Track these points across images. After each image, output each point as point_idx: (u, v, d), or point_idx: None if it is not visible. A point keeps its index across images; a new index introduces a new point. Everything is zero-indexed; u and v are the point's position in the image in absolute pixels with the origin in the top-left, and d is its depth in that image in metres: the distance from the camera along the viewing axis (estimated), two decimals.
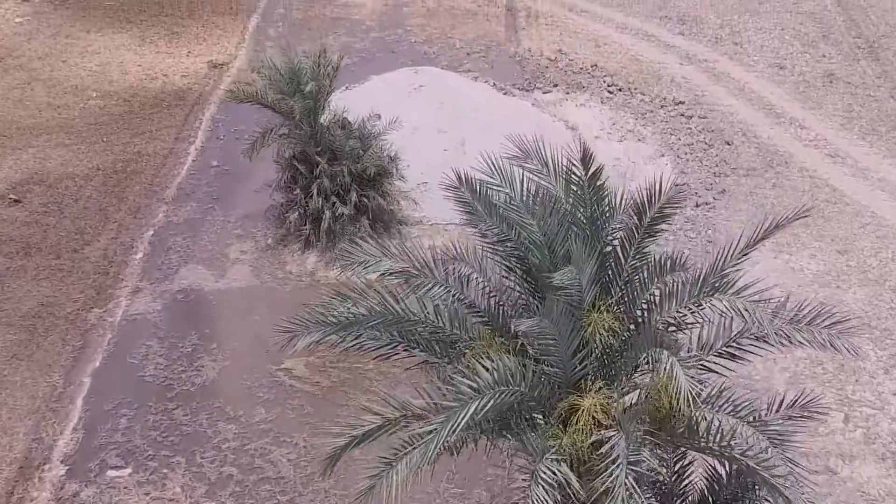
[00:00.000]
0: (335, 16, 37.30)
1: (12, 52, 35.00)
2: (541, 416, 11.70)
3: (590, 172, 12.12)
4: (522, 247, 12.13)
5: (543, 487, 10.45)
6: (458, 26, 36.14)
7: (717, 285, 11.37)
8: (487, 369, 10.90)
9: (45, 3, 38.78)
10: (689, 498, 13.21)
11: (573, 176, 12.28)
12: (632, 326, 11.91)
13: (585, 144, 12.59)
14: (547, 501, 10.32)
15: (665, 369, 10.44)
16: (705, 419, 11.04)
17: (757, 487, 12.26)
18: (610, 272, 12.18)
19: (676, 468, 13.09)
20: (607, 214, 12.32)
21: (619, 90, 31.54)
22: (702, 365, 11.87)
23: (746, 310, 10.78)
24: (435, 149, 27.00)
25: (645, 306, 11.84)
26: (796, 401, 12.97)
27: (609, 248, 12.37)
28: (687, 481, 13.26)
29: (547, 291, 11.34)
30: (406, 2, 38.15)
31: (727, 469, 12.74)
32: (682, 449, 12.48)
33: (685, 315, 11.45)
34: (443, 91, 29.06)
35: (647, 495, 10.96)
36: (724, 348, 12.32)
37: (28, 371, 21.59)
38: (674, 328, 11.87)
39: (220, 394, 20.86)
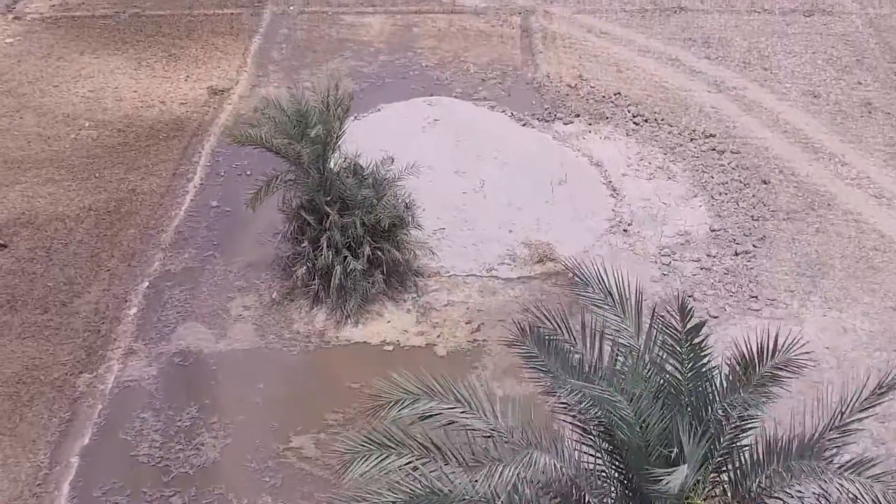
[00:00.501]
0: (341, 36, 35.01)
1: (2, 75, 32.72)
2: None
3: (688, 325, 9.73)
4: (608, 419, 9.48)
5: None
6: (471, 49, 33.87)
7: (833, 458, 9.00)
8: None
9: (36, 21, 36.48)
10: None
11: (667, 330, 9.87)
12: None
13: (683, 298, 10.07)
14: None
15: None
16: None
17: None
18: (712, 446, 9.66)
19: None
20: (709, 377, 9.79)
21: (646, 121, 29.29)
22: None
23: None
24: (452, 191, 24.76)
25: (757, 488, 9.40)
26: None
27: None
28: None
29: (643, 481, 8.93)
30: (415, 21, 35.86)
31: None
32: None
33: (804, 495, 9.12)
34: (459, 125, 26.79)
35: None
36: None
37: (10, 448, 19.38)
38: None
39: (222, 477, 18.64)
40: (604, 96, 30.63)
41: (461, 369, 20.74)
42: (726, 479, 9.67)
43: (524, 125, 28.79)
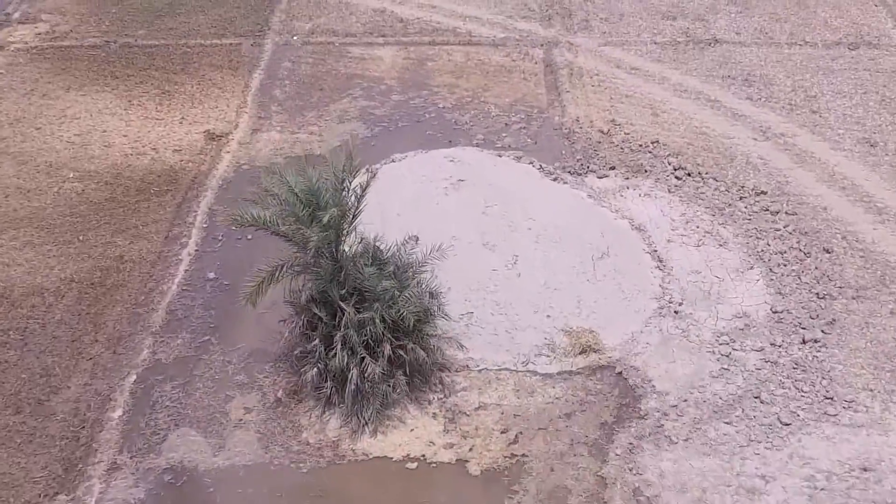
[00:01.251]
0: (350, 71, 31.65)
1: None
2: None
3: None
4: None
5: None
6: (491, 87, 30.53)
7: None
8: None
9: (21, 52, 33.08)
10: None
11: None
12: None
13: None
14: None
15: None
16: None
17: None
18: None
19: None
20: None
21: (689, 175, 26.01)
22: None
23: None
24: (481, 267, 21.48)
25: None
26: None
27: None
28: None
29: None
30: (429, 55, 32.51)
31: None
32: None
33: None
34: (485, 186, 23.50)
35: None
36: None
37: None
38: None
39: None
40: (640, 145, 27.33)
41: (498, 494, 17.54)
42: None
43: (555, 179, 25.50)
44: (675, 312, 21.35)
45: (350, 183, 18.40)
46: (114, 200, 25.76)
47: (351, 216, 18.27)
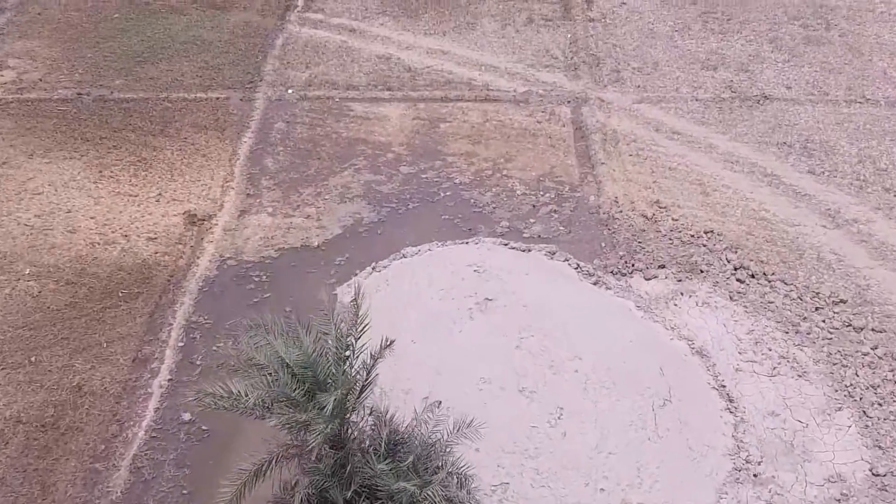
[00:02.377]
0: (352, 135, 27.08)
1: None
2: None
3: None
4: None
5: None
6: (514, 156, 26.00)
7: None
8: None
9: None
10: None
11: None
12: None
13: None
14: None
15: None
16: None
17: None
18: None
19: None
20: None
21: (752, 276, 21.54)
22: None
23: None
24: (517, 421, 16.98)
25: None
26: None
27: None
28: None
29: None
30: (442, 114, 27.94)
31: None
32: None
33: None
34: (517, 308, 19.01)
35: None
36: None
37: None
38: None
39: None
40: (692, 235, 22.84)
41: None
42: None
43: (596, 283, 21.02)
44: (755, 476, 16.90)
45: (355, 344, 13.89)
46: (75, 307, 21.22)
47: (358, 392, 13.74)
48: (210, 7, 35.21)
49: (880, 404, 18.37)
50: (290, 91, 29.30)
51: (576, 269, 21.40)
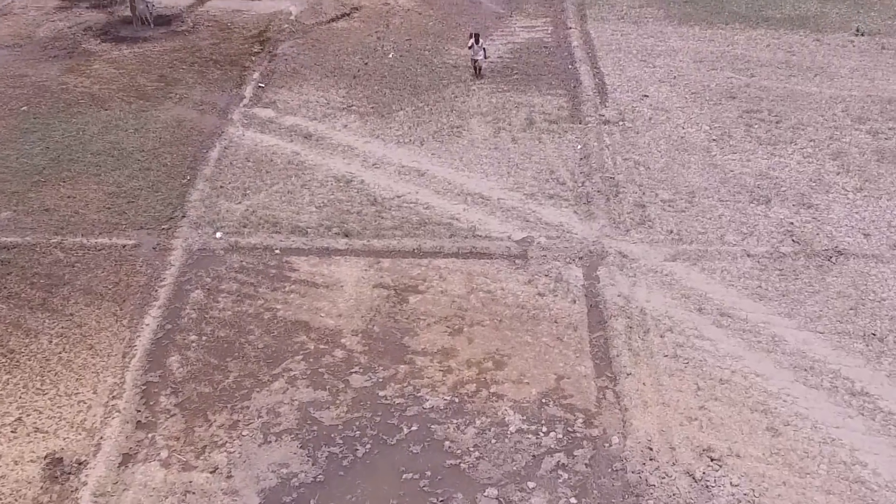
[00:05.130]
0: (291, 314, 19.09)
1: None
2: None
3: None
4: None
5: None
6: (506, 357, 17.98)
7: None
8: None
9: None
10: None
11: None
12: None
13: None
14: None
15: None
16: None
17: None
18: None
19: None
20: None
21: None
22: None
23: None
24: None
25: None
26: None
27: None
28: None
29: None
30: (413, 278, 19.93)
31: None
32: None
33: None
34: None
35: None
36: None
37: None
38: None
39: None
40: None
41: None
42: None
43: None
44: None
45: None
46: None
47: None
48: (138, 97, 27.20)
49: None
50: (218, 235, 21.35)
51: None
